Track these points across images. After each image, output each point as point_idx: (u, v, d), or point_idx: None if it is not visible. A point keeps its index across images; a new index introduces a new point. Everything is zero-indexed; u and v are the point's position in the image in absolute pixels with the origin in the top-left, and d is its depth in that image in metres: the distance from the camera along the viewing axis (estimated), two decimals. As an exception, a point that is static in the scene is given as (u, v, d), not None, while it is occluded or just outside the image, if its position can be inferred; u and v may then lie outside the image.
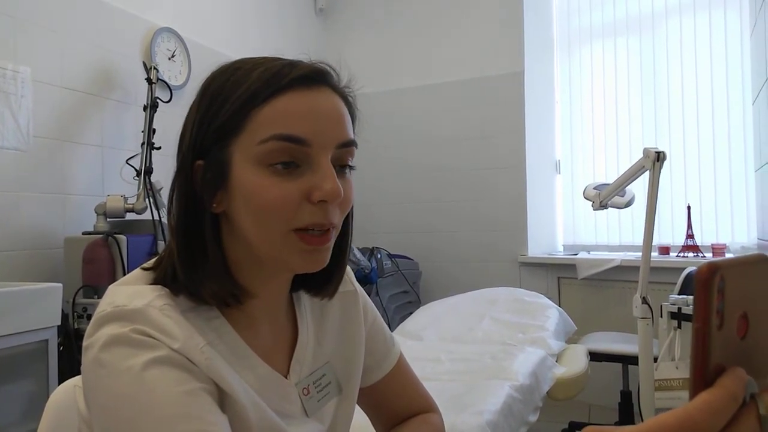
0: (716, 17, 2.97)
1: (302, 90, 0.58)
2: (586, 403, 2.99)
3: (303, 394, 0.67)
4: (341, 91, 0.63)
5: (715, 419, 0.30)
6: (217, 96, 0.59)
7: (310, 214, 0.58)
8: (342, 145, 0.60)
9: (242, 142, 0.58)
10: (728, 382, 0.31)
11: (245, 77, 0.59)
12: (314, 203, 0.58)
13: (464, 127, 3.52)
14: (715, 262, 0.32)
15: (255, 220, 0.58)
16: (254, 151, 0.57)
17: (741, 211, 2.90)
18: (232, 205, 0.59)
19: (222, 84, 0.60)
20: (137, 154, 2.26)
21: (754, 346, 0.34)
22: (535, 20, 3.44)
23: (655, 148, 1.83)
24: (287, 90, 0.58)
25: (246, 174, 0.57)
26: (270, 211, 0.57)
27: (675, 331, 1.74)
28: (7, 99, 1.98)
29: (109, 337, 0.54)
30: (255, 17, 3.34)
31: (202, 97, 0.61)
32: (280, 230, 0.58)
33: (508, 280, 3.30)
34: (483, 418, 1.46)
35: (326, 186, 0.57)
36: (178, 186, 0.60)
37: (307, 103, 0.58)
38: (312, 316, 0.73)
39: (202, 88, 0.62)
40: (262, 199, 0.57)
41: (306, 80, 0.59)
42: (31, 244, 2.06)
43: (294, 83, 0.58)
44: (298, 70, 0.59)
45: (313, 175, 0.58)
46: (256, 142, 0.57)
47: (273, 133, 0.57)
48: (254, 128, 0.57)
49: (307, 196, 0.58)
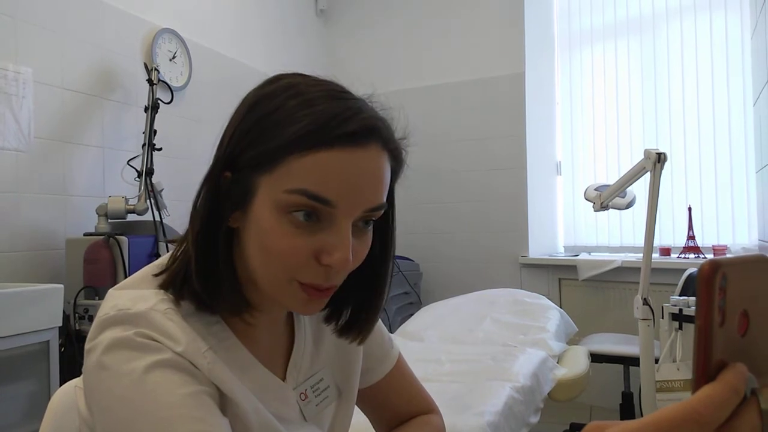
0: (717, 19, 2.97)
1: (348, 148, 0.54)
2: (587, 405, 2.99)
3: (300, 399, 0.67)
4: (391, 147, 0.59)
5: (717, 412, 0.30)
6: (262, 121, 0.56)
7: (314, 274, 0.57)
8: (369, 210, 0.57)
9: (271, 180, 0.55)
10: (730, 377, 0.31)
11: (296, 113, 0.55)
12: (322, 265, 0.56)
13: (465, 129, 3.53)
14: (718, 260, 0.32)
15: (263, 259, 0.57)
16: (279, 197, 0.55)
17: (742, 212, 2.90)
18: (245, 229, 0.58)
19: (270, 110, 0.56)
20: (138, 155, 2.26)
21: (754, 343, 0.34)
22: (536, 22, 3.44)
23: (656, 150, 1.83)
24: (333, 145, 0.54)
25: (265, 212, 0.56)
26: (277, 259, 0.56)
27: (676, 333, 1.74)
28: (8, 100, 1.99)
29: (112, 340, 0.54)
30: (256, 18, 3.34)
31: (246, 113, 0.58)
32: (284, 278, 0.57)
33: (509, 281, 3.31)
34: (484, 419, 1.46)
35: (337, 255, 0.55)
36: (206, 189, 0.58)
37: (347, 164, 0.55)
38: (309, 321, 0.73)
39: (248, 105, 0.59)
40: (272, 244, 0.56)
41: (356, 136, 0.55)
42: (32, 245, 2.07)
43: (343, 139, 0.54)
44: (349, 124, 0.55)
45: (329, 236, 0.56)
46: (283, 189, 0.54)
47: (301, 188, 0.54)
48: (286, 174, 0.54)
49: (315, 255, 0.56)
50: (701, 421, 0.30)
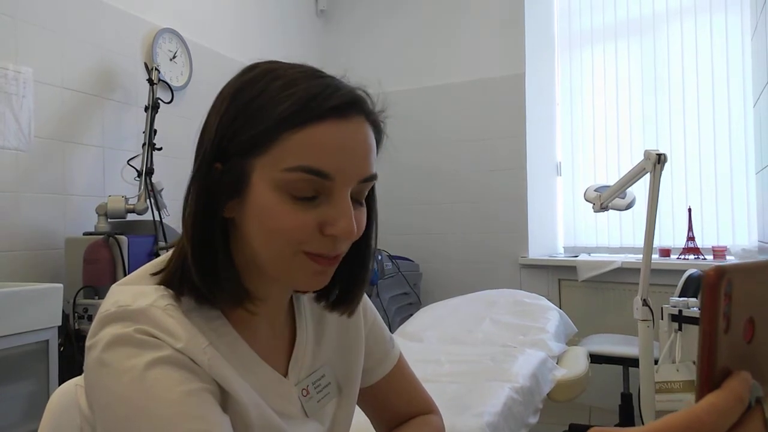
0: (717, 20, 2.97)
1: (336, 120, 0.57)
2: (586, 405, 2.98)
3: (302, 394, 0.68)
4: (372, 119, 0.61)
5: (721, 421, 0.30)
6: (247, 107, 0.57)
7: (319, 244, 0.58)
8: (364, 180, 0.60)
9: (266, 162, 0.56)
10: (734, 385, 0.31)
11: (280, 94, 0.57)
12: (325, 235, 0.58)
13: (465, 129, 3.52)
14: (723, 266, 0.32)
15: (266, 239, 0.58)
16: (277, 176, 0.56)
17: (742, 213, 2.90)
18: (244, 216, 0.59)
19: (254, 96, 0.58)
20: (138, 154, 2.26)
21: (760, 350, 0.34)
22: (536, 22, 3.44)
23: (656, 150, 1.83)
24: (322, 119, 0.56)
25: (264, 194, 0.57)
26: (282, 236, 0.57)
27: (676, 334, 1.74)
28: (9, 99, 1.99)
29: (112, 337, 0.54)
30: (256, 18, 3.35)
31: (231, 101, 0.59)
32: (290, 252, 0.58)
33: (509, 281, 3.30)
34: (483, 419, 1.46)
35: (341, 224, 0.57)
36: (196, 186, 0.59)
37: (340, 136, 0.57)
38: (311, 317, 0.73)
39: (230, 94, 0.60)
40: (276, 223, 0.57)
41: (342, 109, 0.57)
42: (31, 244, 2.07)
43: (330, 113, 0.56)
44: (336, 98, 0.57)
45: (330, 208, 0.58)
46: (281, 167, 0.56)
47: (300, 164, 0.56)
48: (281, 153, 0.56)
49: (320, 228, 0.58)
50: (704, 430, 0.30)
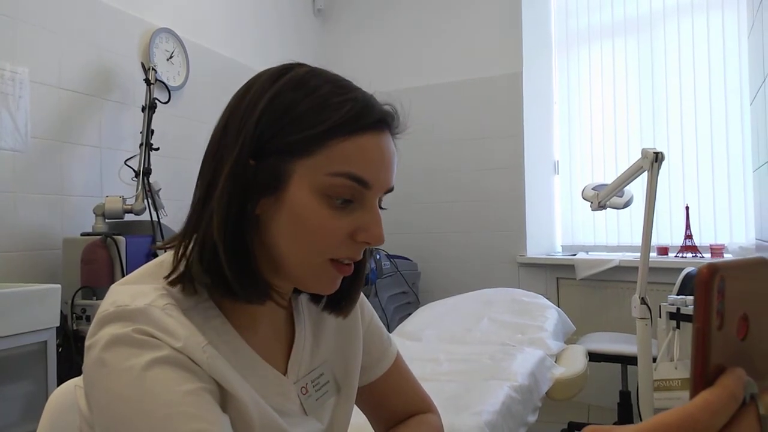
0: (714, 18, 2.98)
1: (378, 133, 0.60)
2: (585, 404, 2.99)
3: (301, 393, 0.68)
4: (395, 134, 0.65)
5: (715, 418, 0.30)
6: (291, 110, 0.58)
7: (348, 249, 0.61)
8: (388, 190, 0.63)
9: (309, 165, 0.58)
10: (728, 382, 0.31)
11: (331, 100, 0.59)
12: (356, 242, 0.61)
13: (463, 128, 3.53)
14: (716, 263, 0.32)
15: (297, 241, 0.59)
16: (320, 180, 0.58)
17: (739, 211, 2.90)
18: (274, 216, 0.59)
19: (298, 100, 0.58)
20: (136, 155, 2.26)
21: (754, 347, 0.34)
22: (534, 21, 3.44)
23: (654, 149, 1.83)
24: (368, 131, 0.59)
25: (303, 196, 0.58)
26: (316, 239, 0.59)
27: (674, 332, 1.74)
28: (5, 99, 1.98)
29: (111, 337, 0.53)
30: (253, 18, 3.34)
31: (271, 102, 0.59)
32: (318, 256, 0.60)
33: (507, 280, 3.31)
34: (482, 418, 1.46)
35: (374, 231, 0.60)
36: (230, 182, 0.58)
37: (380, 147, 0.60)
38: (309, 316, 0.73)
39: (272, 94, 0.59)
40: (312, 227, 0.59)
41: (383, 123, 0.61)
42: (29, 245, 2.06)
43: (374, 125, 0.60)
44: (379, 112, 0.61)
45: (363, 215, 0.60)
46: (326, 172, 0.58)
47: (347, 171, 0.58)
48: (328, 158, 0.58)
49: (352, 234, 0.60)
50: (698, 428, 0.30)
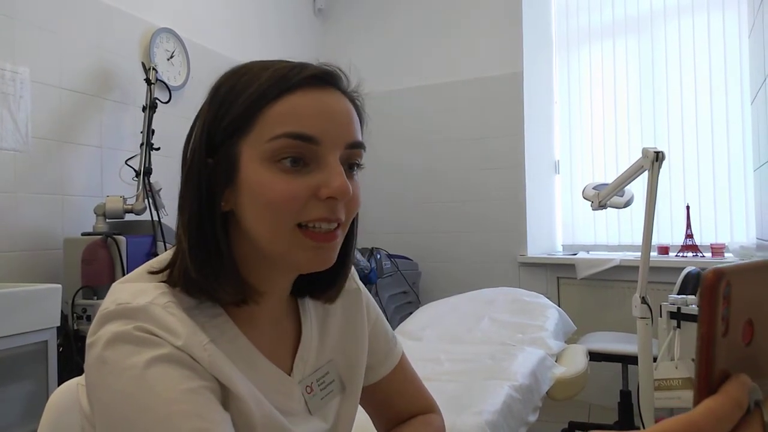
0: (715, 18, 2.97)
1: (312, 90, 0.59)
2: (585, 403, 2.99)
3: (306, 392, 0.68)
4: (350, 95, 0.63)
5: (719, 426, 0.30)
6: (228, 95, 0.60)
7: (317, 210, 0.58)
8: (351, 145, 0.61)
9: (251, 139, 0.58)
10: (732, 389, 0.31)
11: (256, 77, 0.59)
12: (322, 200, 0.58)
13: (463, 128, 3.52)
14: (721, 268, 0.31)
15: (261, 216, 0.58)
16: (263, 148, 0.57)
17: (740, 210, 2.90)
18: (240, 202, 0.59)
19: (232, 84, 0.60)
20: (136, 154, 2.26)
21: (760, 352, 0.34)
22: (534, 21, 3.44)
23: (654, 148, 1.83)
24: (297, 89, 0.59)
25: (254, 171, 0.58)
26: (276, 207, 0.57)
27: (674, 331, 1.74)
28: (6, 99, 1.98)
29: (112, 335, 0.53)
30: (254, 17, 3.34)
31: (213, 97, 0.61)
32: (286, 226, 0.58)
33: (508, 280, 3.31)
34: (482, 418, 1.46)
35: (334, 183, 0.58)
36: (191, 183, 0.60)
37: (317, 102, 0.59)
38: (315, 315, 0.73)
39: (213, 90, 0.62)
40: (269, 195, 0.57)
41: (316, 80, 0.60)
42: (30, 244, 2.06)
43: (304, 83, 0.59)
44: (308, 70, 0.60)
45: (322, 172, 0.58)
46: (266, 139, 0.57)
47: (283, 131, 0.57)
48: (264, 126, 0.58)
49: (314, 193, 0.58)
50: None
